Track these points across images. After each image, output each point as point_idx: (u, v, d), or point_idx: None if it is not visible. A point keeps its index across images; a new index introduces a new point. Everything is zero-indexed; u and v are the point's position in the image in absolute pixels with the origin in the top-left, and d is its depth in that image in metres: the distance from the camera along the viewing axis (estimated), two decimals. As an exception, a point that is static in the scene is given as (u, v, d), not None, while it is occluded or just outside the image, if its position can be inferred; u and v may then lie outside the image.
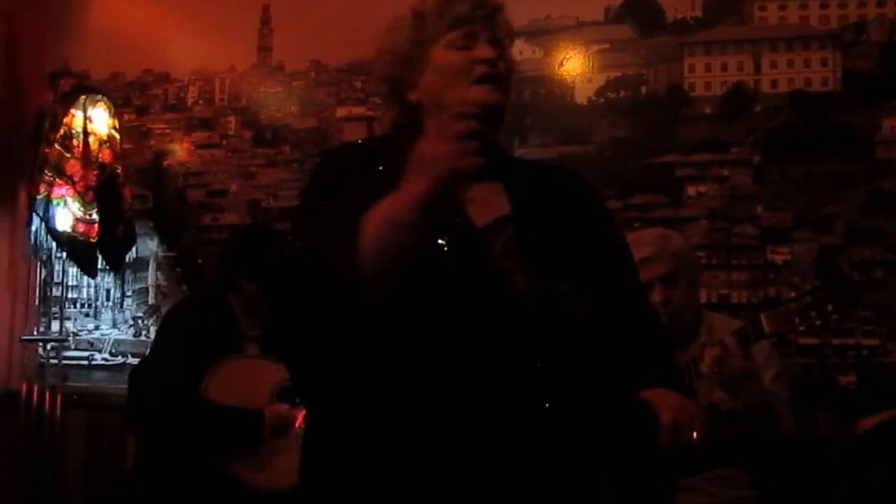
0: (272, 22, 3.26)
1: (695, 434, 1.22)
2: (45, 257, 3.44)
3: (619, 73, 2.77)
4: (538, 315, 1.28)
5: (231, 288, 2.49)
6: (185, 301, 2.83)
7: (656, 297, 2.12)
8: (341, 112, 3.10)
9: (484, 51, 1.37)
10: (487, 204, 1.35)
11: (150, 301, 3.37)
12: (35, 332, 3.47)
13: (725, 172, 2.82)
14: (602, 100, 2.77)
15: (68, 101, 3.30)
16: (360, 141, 1.63)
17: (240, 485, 2.31)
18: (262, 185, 3.21)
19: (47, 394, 3.34)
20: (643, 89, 2.82)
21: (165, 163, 3.39)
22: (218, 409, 2.34)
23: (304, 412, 2.35)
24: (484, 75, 1.36)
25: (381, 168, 1.33)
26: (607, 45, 2.79)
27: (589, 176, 1.48)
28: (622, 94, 2.77)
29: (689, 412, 1.24)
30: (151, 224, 3.39)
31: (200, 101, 3.35)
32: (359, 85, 3.09)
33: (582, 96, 2.81)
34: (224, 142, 3.30)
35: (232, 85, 3.31)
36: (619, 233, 1.49)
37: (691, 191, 2.82)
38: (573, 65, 2.84)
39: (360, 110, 3.05)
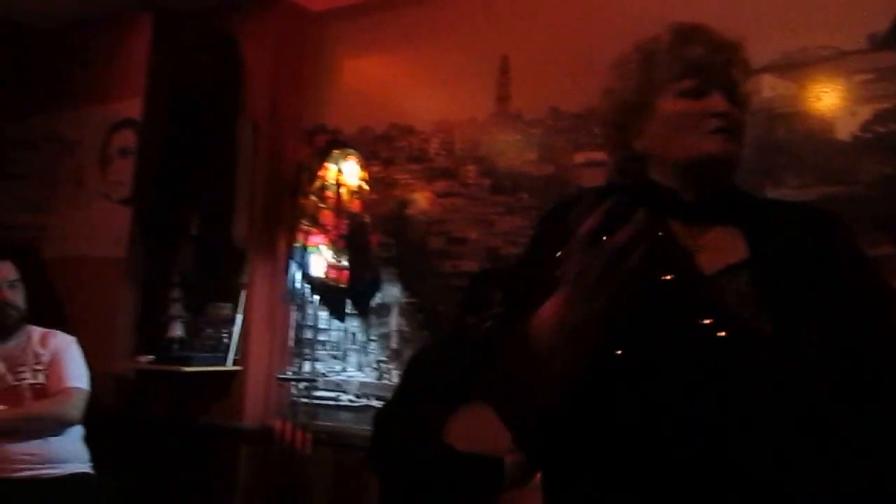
0: (510, 71, 3.30)
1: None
2: (300, 301, 3.67)
3: (887, 105, 2.52)
4: (784, 368, 1.15)
5: (462, 327, 2.53)
6: (428, 346, 2.88)
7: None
8: (579, 158, 3.06)
9: (719, 103, 1.25)
10: (719, 250, 1.24)
11: (393, 346, 3.47)
12: (289, 372, 3.70)
13: None
14: (869, 134, 2.51)
15: (323, 155, 3.52)
16: (587, 191, 1.52)
17: None
18: (500, 232, 3.22)
19: (299, 431, 3.53)
20: (917, 122, 2.54)
21: (409, 212, 3.50)
22: (458, 455, 2.32)
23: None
24: (718, 128, 1.24)
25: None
26: (873, 75, 2.54)
27: (857, 218, 1.32)
28: (892, 127, 2.50)
29: None
30: (395, 271, 3.50)
31: (442, 152, 3.44)
32: (596, 130, 3.02)
33: (844, 132, 2.57)
34: (464, 190, 3.35)
35: (471, 134, 3.36)
36: (881, 279, 1.30)
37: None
38: (833, 98, 2.62)
39: (598, 155, 2.98)
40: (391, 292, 3.50)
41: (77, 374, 3.10)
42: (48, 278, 3.94)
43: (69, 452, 3.01)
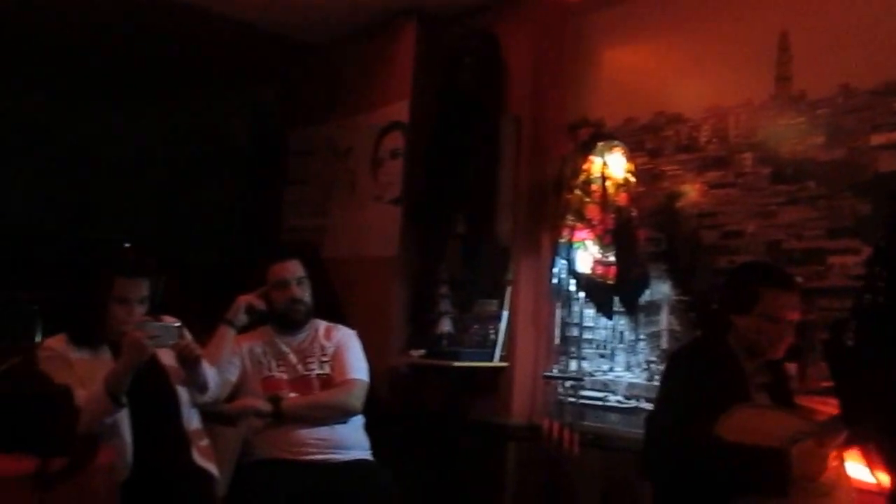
0: (791, 48, 3.04)
1: None
2: (565, 298, 3.63)
3: None
4: None
5: (729, 329, 2.42)
6: (688, 344, 2.76)
7: None
8: (876, 140, 2.75)
9: None
10: None
11: (663, 345, 3.33)
12: (555, 370, 3.67)
13: None
14: None
15: (587, 149, 3.45)
16: None
17: None
18: (782, 224, 2.97)
19: (566, 431, 3.49)
20: None
21: (678, 204, 3.34)
22: (740, 448, 2.23)
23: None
24: None
25: None
26: None
27: None
28: None
29: None
30: (664, 267, 3.36)
31: (714, 140, 3.25)
32: (896, 107, 2.72)
33: None
34: (739, 180, 3.14)
35: (747, 120, 3.14)
36: None
37: None
38: None
39: (900, 136, 2.67)
40: (661, 289, 3.36)
41: (358, 366, 3.25)
42: (328, 277, 4.18)
43: (352, 439, 3.17)
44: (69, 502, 1.96)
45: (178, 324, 2.70)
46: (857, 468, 2.33)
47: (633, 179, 3.37)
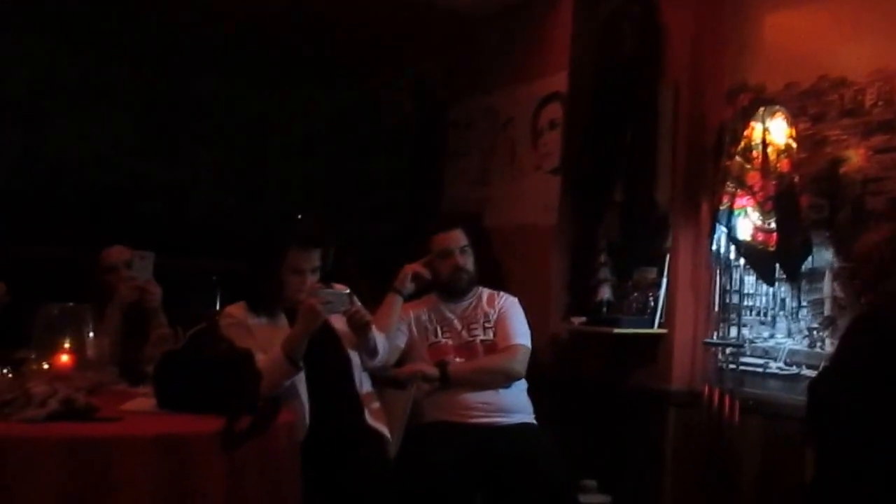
0: (965, 4, 2.87)
1: None
2: (725, 265, 3.62)
3: None
4: None
5: None
6: (872, 312, 2.69)
7: None
8: None
9: None
10: None
11: (826, 313, 3.27)
12: (715, 337, 3.67)
13: None
14: None
15: (747, 114, 3.40)
16: None
17: None
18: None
19: (726, 398, 3.50)
20: None
21: (842, 170, 3.25)
22: None
23: None
24: None
25: None
26: None
27: None
28: None
29: None
30: (827, 234, 3.29)
31: (880, 103, 3.12)
32: None
33: None
34: (907, 144, 3.02)
35: (916, 82, 3.00)
36: None
37: None
38: None
39: None
40: (824, 256, 3.29)
41: (521, 331, 3.37)
42: (490, 245, 4.33)
43: (516, 403, 3.29)
44: (255, 460, 2.02)
45: (348, 291, 2.87)
46: None
47: (794, 145, 3.30)
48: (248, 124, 5.98)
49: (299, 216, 4.88)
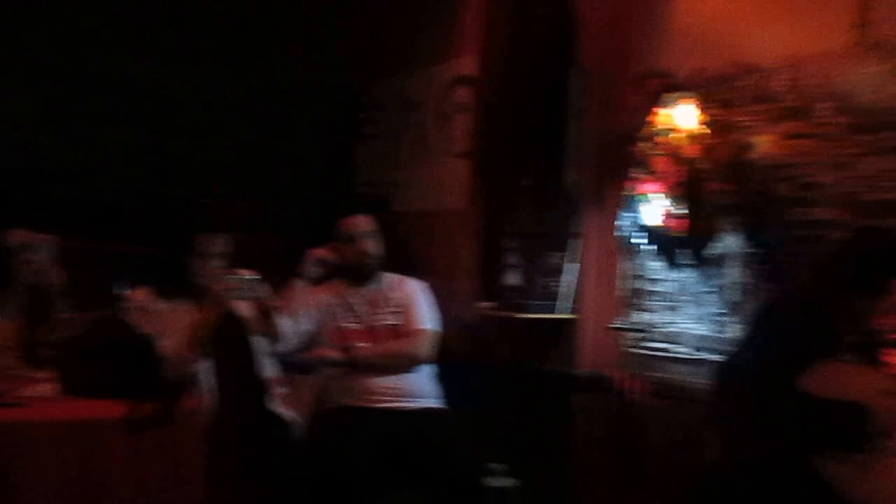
0: (871, -6, 2.93)
1: None
2: (633, 251, 3.63)
3: None
4: None
5: (834, 295, 2.38)
6: (781, 299, 2.73)
7: None
8: (959, 88, 2.66)
9: None
10: None
11: (731, 298, 3.31)
12: (622, 322, 3.69)
13: None
14: None
15: (657, 100, 3.42)
16: None
17: (832, 489, 2.19)
18: (862, 175, 2.90)
19: (633, 382, 3.52)
20: None
21: (750, 156, 3.29)
22: (822, 402, 2.23)
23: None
24: None
25: None
26: None
27: None
28: None
29: None
30: (735, 220, 3.32)
31: (789, 90, 3.17)
32: None
33: None
34: (816, 131, 3.06)
35: (825, 68, 3.05)
36: None
37: None
38: None
39: None
40: (730, 242, 3.33)
41: (428, 316, 3.35)
42: (399, 230, 4.26)
43: (423, 388, 3.28)
44: (159, 445, 2.08)
45: (256, 277, 2.82)
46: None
47: (704, 131, 3.33)
48: (156, 104, 5.73)
49: (207, 200, 4.71)
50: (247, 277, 2.83)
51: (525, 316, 3.81)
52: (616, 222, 3.62)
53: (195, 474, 2.23)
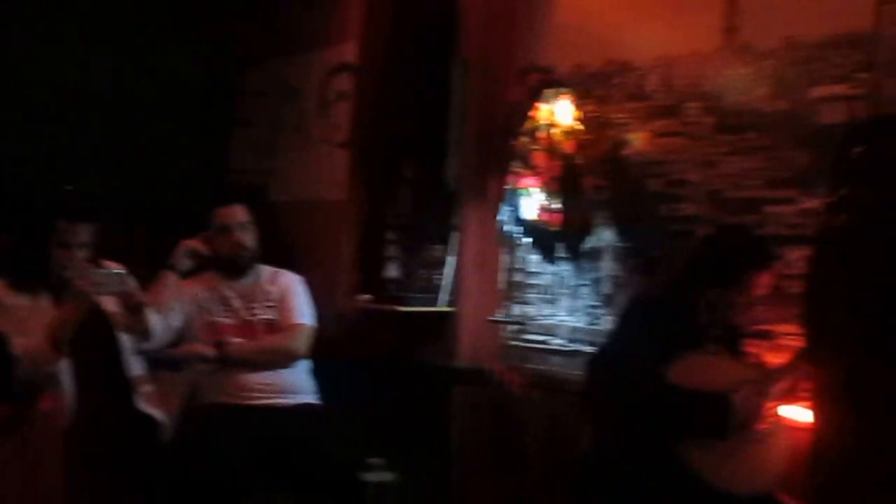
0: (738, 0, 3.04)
1: None
2: (511, 244, 3.66)
3: None
4: None
5: (697, 289, 2.46)
6: (649, 293, 2.81)
7: None
8: (818, 92, 2.78)
9: None
10: None
11: (605, 291, 3.38)
12: (500, 314, 3.71)
13: None
14: None
15: (536, 95, 3.45)
16: None
17: (695, 475, 2.27)
18: (724, 174, 3.01)
19: (511, 374, 3.55)
20: None
21: (624, 153, 3.36)
22: (685, 392, 2.31)
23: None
24: None
25: None
26: None
27: None
28: None
29: None
30: (609, 214, 3.39)
31: (661, 89, 3.25)
32: (838, 61, 2.74)
33: None
34: (685, 129, 3.16)
35: (694, 69, 3.15)
36: None
37: None
38: None
39: (839, 89, 2.71)
40: (604, 236, 3.40)
41: (303, 310, 3.28)
42: (276, 221, 4.16)
43: (298, 384, 3.21)
44: (12, 450, 1.99)
45: (121, 270, 2.68)
46: (798, 411, 2.40)
47: (580, 127, 3.38)
48: (18, 85, 5.39)
49: (69, 187, 4.46)
50: (113, 271, 2.68)
51: (405, 309, 3.79)
52: (496, 215, 3.64)
53: (52, 477, 2.15)
